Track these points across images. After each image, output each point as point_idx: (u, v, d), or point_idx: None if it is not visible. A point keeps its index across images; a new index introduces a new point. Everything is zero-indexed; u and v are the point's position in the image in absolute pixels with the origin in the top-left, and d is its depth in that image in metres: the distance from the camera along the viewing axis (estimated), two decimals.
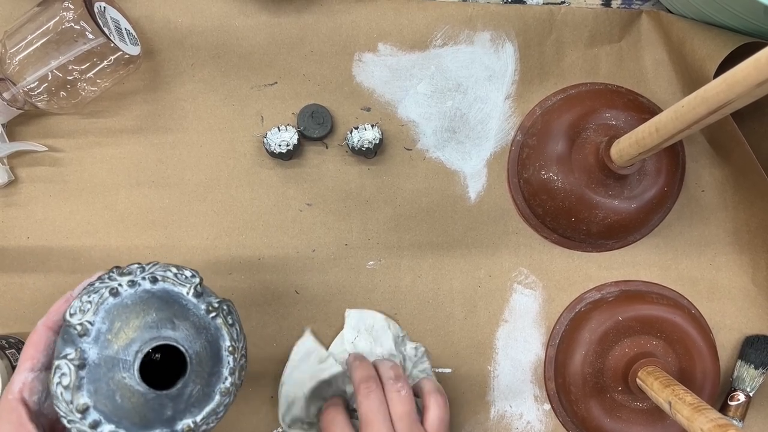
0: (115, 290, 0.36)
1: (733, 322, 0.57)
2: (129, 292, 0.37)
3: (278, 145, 0.52)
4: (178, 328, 0.36)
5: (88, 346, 0.35)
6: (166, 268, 0.39)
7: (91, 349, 0.35)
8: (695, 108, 0.37)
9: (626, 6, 0.57)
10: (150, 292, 0.37)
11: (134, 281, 0.37)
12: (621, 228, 0.54)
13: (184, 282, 0.38)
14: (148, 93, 0.54)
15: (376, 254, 0.55)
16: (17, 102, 0.49)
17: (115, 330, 0.36)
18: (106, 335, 0.35)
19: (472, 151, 0.56)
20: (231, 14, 0.54)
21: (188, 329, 0.37)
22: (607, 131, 0.52)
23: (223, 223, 0.54)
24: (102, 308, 0.36)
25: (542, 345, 0.56)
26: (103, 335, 0.35)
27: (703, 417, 0.41)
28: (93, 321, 0.36)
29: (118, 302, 0.36)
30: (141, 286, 0.37)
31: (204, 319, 0.38)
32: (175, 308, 0.37)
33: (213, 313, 0.38)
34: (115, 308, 0.36)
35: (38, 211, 0.53)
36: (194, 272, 0.39)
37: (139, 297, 0.37)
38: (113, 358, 0.35)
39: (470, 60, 0.56)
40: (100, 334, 0.35)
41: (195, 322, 0.37)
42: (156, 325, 0.36)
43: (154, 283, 0.37)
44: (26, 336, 0.52)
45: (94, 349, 0.35)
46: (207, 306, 0.38)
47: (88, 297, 0.36)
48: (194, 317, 0.37)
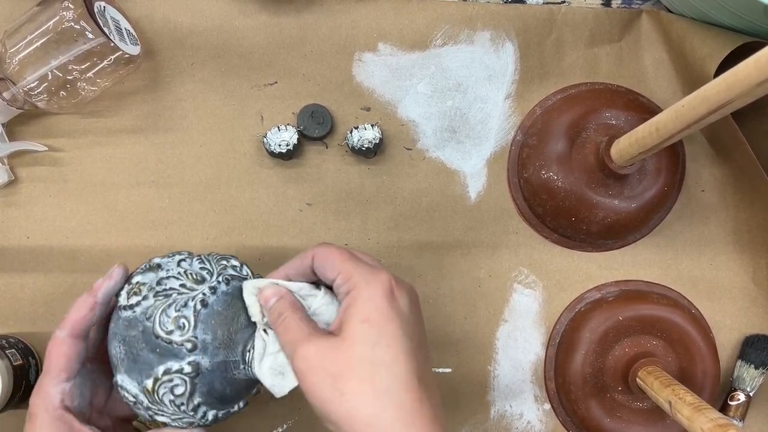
0: (205, 301, 0.39)
1: (733, 322, 0.57)
2: (214, 299, 0.40)
3: (278, 145, 0.52)
4: None
5: (199, 356, 0.38)
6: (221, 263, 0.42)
7: (203, 359, 0.38)
8: (695, 107, 0.37)
9: (626, 6, 0.57)
10: (229, 294, 0.41)
11: (214, 287, 0.40)
12: (621, 228, 0.54)
13: (243, 272, 0.43)
14: (148, 93, 0.54)
15: (376, 254, 0.55)
16: (17, 102, 0.49)
17: (220, 338, 0.39)
18: (213, 344, 0.39)
19: (472, 151, 0.56)
20: (231, 14, 0.54)
21: None
22: (607, 131, 0.52)
23: (223, 223, 0.54)
24: (200, 321, 0.39)
25: (542, 345, 0.56)
26: (210, 345, 0.39)
27: (703, 417, 0.41)
28: (197, 335, 0.38)
29: (210, 311, 0.39)
30: (220, 289, 0.40)
31: None
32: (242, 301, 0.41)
33: None
34: (210, 317, 0.39)
35: (38, 210, 0.53)
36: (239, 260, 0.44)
37: (224, 302, 0.40)
38: (224, 362, 0.39)
39: (470, 59, 0.56)
40: (207, 345, 0.39)
41: None
42: (250, 324, 0.41)
43: (228, 284, 0.41)
44: (26, 336, 0.53)
45: (205, 359, 0.39)
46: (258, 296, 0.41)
47: (179, 310, 0.39)
48: None
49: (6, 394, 0.47)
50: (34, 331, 0.53)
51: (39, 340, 0.53)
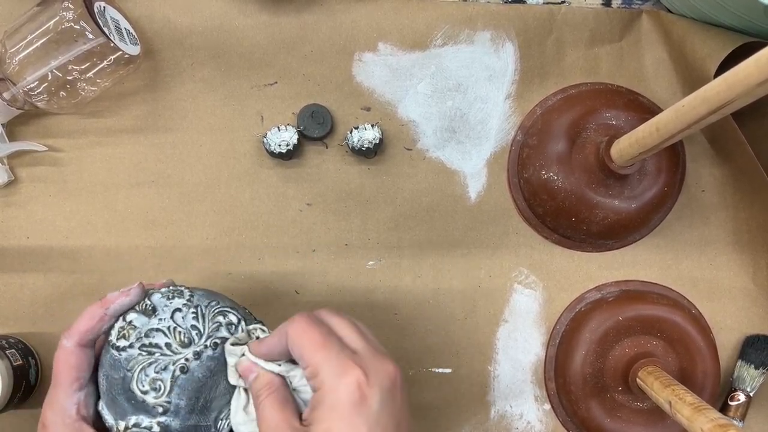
0: (186, 368, 0.38)
1: (733, 322, 0.57)
2: (196, 365, 0.38)
3: (278, 145, 0.52)
4: None
5: (170, 419, 0.38)
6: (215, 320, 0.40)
7: (173, 421, 0.38)
8: (696, 108, 0.37)
9: (626, 6, 0.57)
10: (214, 359, 0.39)
11: (198, 353, 0.38)
12: (621, 228, 0.54)
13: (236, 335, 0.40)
14: (147, 93, 0.54)
15: (376, 254, 0.55)
16: (17, 102, 0.49)
17: (195, 404, 0.38)
18: (186, 408, 0.38)
19: (472, 151, 0.56)
20: (231, 14, 0.54)
21: None
22: (607, 131, 0.52)
23: (223, 223, 0.54)
24: (176, 386, 0.38)
25: (542, 345, 0.56)
26: (182, 409, 0.38)
27: (703, 417, 0.41)
28: (171, 399, 0.38)
29: (189, 378, 0.38)
30: (205, 354, 0.39)
31: None
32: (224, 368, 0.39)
33: None
34: (188, 383, 0.38)
35: (38, 210, 0.53)
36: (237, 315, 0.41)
37: (207, 368, 0.38)
38: (195, 426, 0.38)
39: (470, 60, 0.56)
40: (179, 409, 0.38)
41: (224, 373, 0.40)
42: (228, 392, 0.39)
43: (215, 349, 0.39)
44: (26, 336, 0.53)
45: (176, 421, 0.38)
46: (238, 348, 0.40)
47: (157, 372, 0.38)
48: None
49: (6, 395, 0.47)
50: (34, 331, 0.53)
51: (39, 340, 0.53)
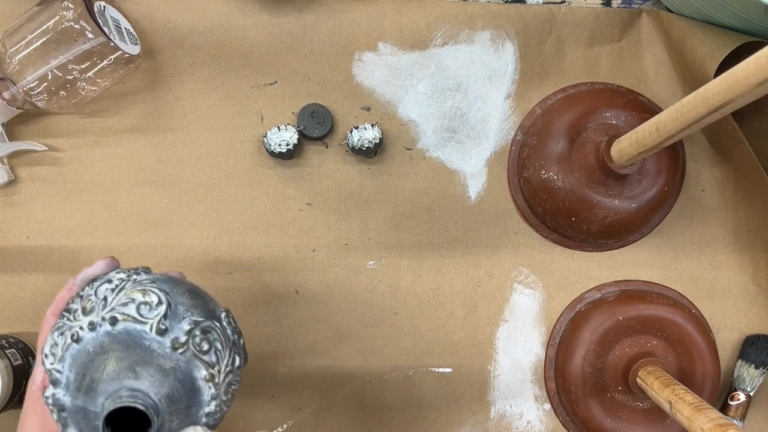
0: (77, 336, 0.35)
1: (733, 322, 0.57)
2: (90, 337, 0.35)
3: (278, 145, 0.52)
4: (141, 375, 0.34)
5: (62, 392, 0.35)
6: (131, 296, 0.36)
7: (65, 396, 0.35)
8: (696, 107, 0.37)
9: (626, 5, 0.57)
10: (111, 335, 0.35)
11: (94, 323, 0.35)
12: (621, 227, 0.54)
13: (147, 317, 0.35)
14: (147, 92, 0.54)
15: (376, 254, 0.55)
16: (17, 101, 0.49)
17: (81, 381, 0.35)
18: (74, 385, 0.35)
19: (472, 151, 0.56)
20: (231, 14, 0.54)
21: (153, 374, 0.34)
22: (607, 131, 0.52)
23: (223, 223, 0.54)
24: (68, 354, 0.35)
25: (542, 345, 0.56)
26: (71, 384, 0.35)
27: (703, 416, 0.41)
28: (61, 369, 0.35)
29: (81, 348, 0.35)
30: (102, 328, 0.35)
31: (171, 357, 0.35)
32: (137, 353, 0.35)
33: (181, 349, 0.35)
34: (79, 355, 0.35)
35: (38, 210, 0.53)
36: (162, 297, 0.36)
37: (100, 343, 0.35)
38: (83, 409, 0.35)
39: (470, 59, 0.56)
40: (69, 383, 0.35)
41: (160, 364, 0.35)
42: (117, 376, 0.34)
43: (114, 325, 0.35)
44: (26, 336, 0.53)
45: (67, 397, 0.35)
46: (172, 343, 0.35)
47: (57, 337, 0.36)
48: (159, 358, 0.35)
49: (6, 394, 0.47)
50: (34, 331, 0.53)
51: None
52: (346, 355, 0.55)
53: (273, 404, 0.54)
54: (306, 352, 0.55)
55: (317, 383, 0.54)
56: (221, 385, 0.37)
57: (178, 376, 0.35)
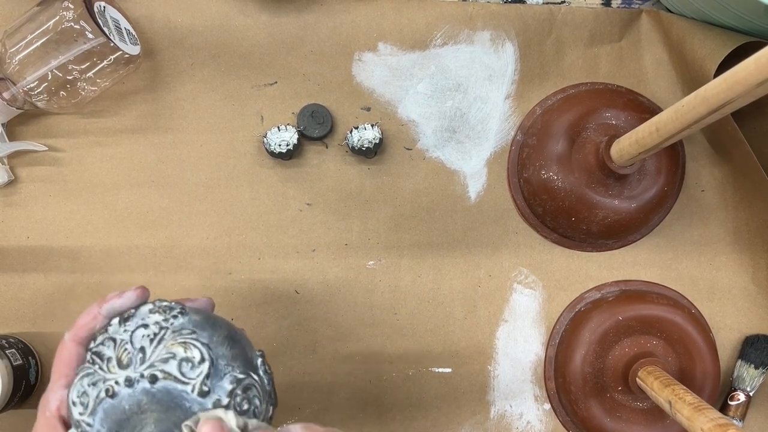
0: (112, 391, 0.33)
1: (733, 322, 0.57)
2: (127, 393, 0.33)
3: (278, 145, 0.52)
4: None
5: None
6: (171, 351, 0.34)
7: None
8: (695, 107, 0.37)
9: (626, 5, 0.57)
10: (150, 394, 0.33)
11: (131, 379, 0.33)
12: (621, 228, 0.54)
13: (189, 377, 0.33)
14: (147, 93, 0.54)
15: (376, 254, 0.55)
16: (17, 101, 0.49)
17: None
18: None
19: (472, 151, 0.56)
20: (231, 14, 0.54)
21: None
22: (607, 131, 0.52)
23: (223, 223, 0.54)
24: (100, 408, 0.33)
25: (542, 345, 0.56)
26: None
27: (703, 416, 0.41)
28: (92, 423, 0.33)
29: (115, 404, 0.33)
30: (140, 385, 0.33)
31: None
32: (176, 414, 0.33)
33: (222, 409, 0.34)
34: (113, 411, 0.33)
35: (38, 210, 0.53)
36: (204, 353, 0.34)
37: (137, 402, 0.33)
38: None
39: (470, 59, 0.56)
40: None
41: None
42: None
43: (154, 383, 0.33)
44: (26, 336, 0.53)
45: None
46: (214, 405, 0.34)
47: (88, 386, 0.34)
48: None
49: (6, 394, 0.47)
50: (34, 331, 0.53)
51: (39, 340, 0.53)
52: (346, 355, 0.55)
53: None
54: (306, 352, 0.55)
55: (317, 383, 0.54)
56: None
57: None
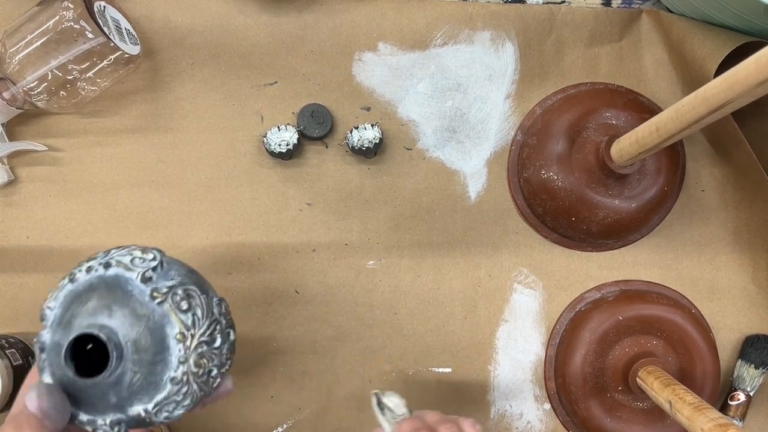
0: (73, 276, 0.37)
1: (733, 322, 0.57)
2: (84, 278, 0.37)
3: (278, 145, 0.52)
4: (115, 314, 0.35)
5: (46, 331, 0.36)
6: (131, 251, 0.38)
7: (47, 334, 0.36)
8: (695, 107, 0.37)
9: (626, 5, 0.57)
10: (102, 278, 0.36)
11: (91, 267, 0.37)
12: (621, 227, 0.54)
13: (137, 266, 0.37)
14: (147, 92, 0.54)
15: (376, 254, 0.55)
16: (17, 101, 0.49)
17: (63, 317, 0.36)
18: (57, 321, 0.36)
19: (472, 151, 0.56)
20: (231, 14, 0.54)
21: (126, 316, 0.35)
22: (607, 131, 0.52)
23: (223, 223, 0.54)
24: (61, 294, 0.37)
25: (542, 345, 0.56)
26: (55, 321, 0.36)
27: (703, 416, 0.41)
28: (52, 307, 0.36)
29: (72, 288, 0.37)
30: (96, 272, 0.37)
31: (147, 305, 0.36)
32: (117, 294, 0.36)
33: (158, 299, 0.36)
34: (70, 295, 0.36)
35: (38, 210, 0.53)
36: (157, 254, 0.38)
37: (90, 284, 0.36)
38: (58, 344, 0.35)
39: (470, 59, 0.56)
40: (54, 320, 0.36)
41: (135, 308, 0.36)
42: (94, 312, 0.35)
43: (107, 269, 0.37)
44: (26, 336, 0.53)
45: (48, 334, 0.36)
46: (152, 291, 0.36)
47: (62, 281, 0.37)
48: (136, 303, 0.36)
49: (6, 395, 0.47)
50: (34, 330, 0.53)
51: None
52: (346, 355, 0.55)
53: (273, 404, 0.54)
54: (306, 352, 0.55)
55: (317, 383, 0.54)
56: (191, 352, 0.36)
57: (150, 324, 0.36)
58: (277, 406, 0.54)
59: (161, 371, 0.36)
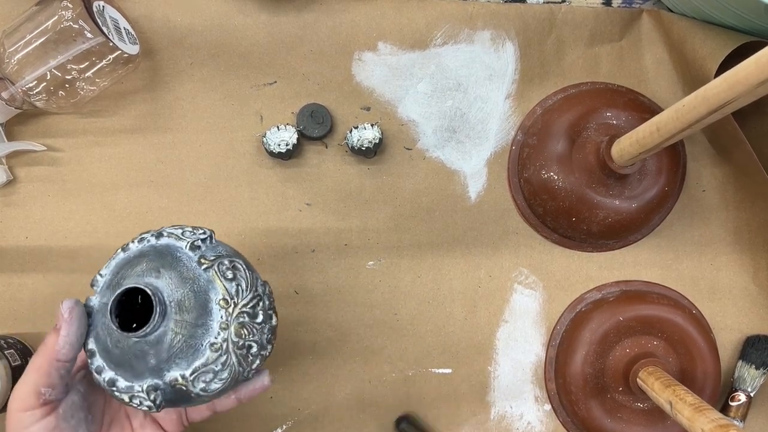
0: (126, 246, 0.39)
1: (733, 322, 0.57)
2: (136, 247, 0.39)
3: (278, 145, 0.52)
4: (162, 276, 0.37)
5: (95, 296, 0.38)
6: (183, 227, 0.40)
7: (95, 298, 0.38)
8: (696, 107, 0.37)
9: (627, 5, 0.57)
10: (153, 247, 0.38)
11: (144, 238, 0.39)
12: (622, 228, 0.54)
13: (188, 237, 0.39)
14: (147, 92, 0.54)
15: (376, 254, 0.55)
16: (16, 101, 0.49)
17: (112, 280, 0.38)
18: (106, 285, 0.38)
19: (472, 151, 0.56)
20: (230, 13, 0.54)
21: (172, 278, 0.37)
22: (607, 131, 0.52)
23: (223, 223, 0.54)
24: (113, 262, 0.39)
25: (543, 345, 0.56)
26: (104, 285, 0.38)
27: (704, 417, 0.41)
28: (103, 274, 0.38)
29: (125, 256, 0.39)
30: (147, 242, 0.39)
31: (193, 270, 0.37)
32: (166, 259, 0.38)
33: (205, 265, 0.38)
34: (122, 262, 0.38)
35: (37, 210, 0.53)
36: (208, 230, 0.40)
37: (140, 251, 0.38)
38: (105, 305, 0.36)
39: (470, 59, 0.56)
40: (103, 284, 0.38)
41: (182, 272, 0.37)
42: (142, 274, 0.37)
43: (158, 239, 0.39)
44: (25, 336, 0.53)
45: (96, 298, 0.38)
46: (199, 258, 0.38)
47: (117, 251, 0.39)
48: (183, 267, 0.37)
49: (5, 395, 0.47)
50: (33, 331, 0.53)
51: (38, 340, 0.53)
52: (346, 356, 0.55)
53: (272, 404, 0.54)
54: (306, 352, 0.54)
55: (317, 383, 0.54)
56: (233, 320, 0.37)
57: (194, 287, 0.37)
58: (277, 407, 0.54)
59: (202, 335, 0.37)
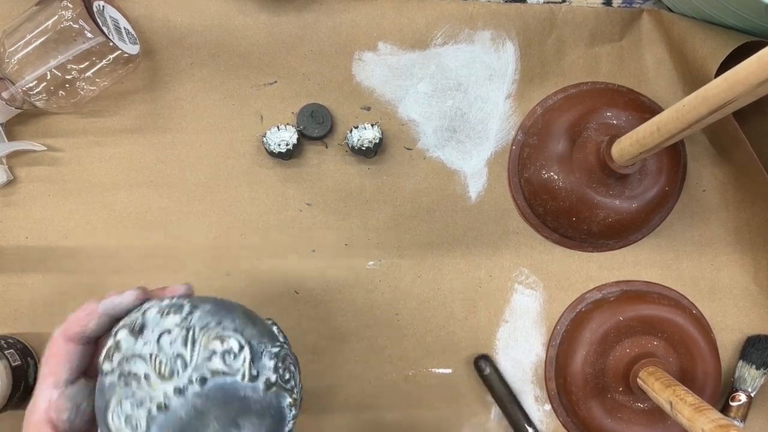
0: (164, 405, 0.32)
1: (734, 322, 0.57)
2: (179, 403, 0.32)
3: (278, 145, 0.52)
4: (243, 426, 0.33)
5: None
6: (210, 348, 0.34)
7: None
8: (696, 107, 0.37)
9: (627, 5, 0.57)
10: (203, 396, 0.32)
11: (180, 388, 0.32)
12: (622, 228, 0.54)
13: (234, 367, 0.34)
14: (147, 92, 0.54)
15: (376, 254, 0.55)
16: (16, 101, 0.49)
17: None
18: None
19: (472, 151, 0.56)
20: (230, 13, 0.54)
21: (253, 422, 0.33)
22: (608, 130, 0.52)
23: (223, 223, 0.54)
24: (154, 425, 0.32)
25: (543, 345, 0.56)
26: None
27: (704, 417, 0.41)
28: None
29: (170, 416, 0.32)
30: (190, 391, 0.32)
31: (265, 399, 0.34)
32: (235, 406, 0.33)
33: (273, 388, 0.35)
34: (169, 423, 0.32)
35: (37, 210, 0.53)
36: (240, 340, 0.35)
37: (193, 406, 0.32)
38: None
39: (471, 59, 0.56)
40: None
41: (257, 410, 0.34)
42: None
43: (204, 384, 0.33)
44: (25, 336, 0.53)
45: None
46: (265, 384, 0.34)
47: (131, 408, 0.33)
48: (255, 404, 0.34)
49: (5, 395, 0.47)
50: (33, 331, 0.53)
51: (38, 340, 0.53)
52: (346, 356, 0.55)
53: None
54: (306, 352, 0.54)
55: (317, 383, 0.54)
56: (299, 403, 0.37)
57: (272, 412, 0.35)
58: None
59: None
